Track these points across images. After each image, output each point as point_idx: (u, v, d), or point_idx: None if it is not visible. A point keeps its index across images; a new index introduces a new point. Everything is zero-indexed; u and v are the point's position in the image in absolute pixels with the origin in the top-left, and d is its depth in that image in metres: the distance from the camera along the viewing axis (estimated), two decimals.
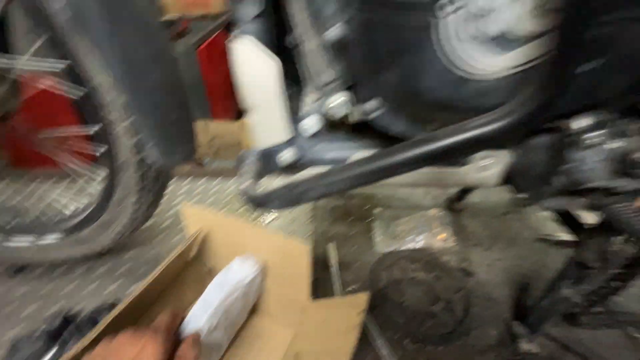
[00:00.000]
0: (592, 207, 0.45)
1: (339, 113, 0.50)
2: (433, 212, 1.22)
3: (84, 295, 1.01)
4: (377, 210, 1.26)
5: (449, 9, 0.34)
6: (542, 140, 0.51)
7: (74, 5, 0.48)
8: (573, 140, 0.44)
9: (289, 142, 0.55)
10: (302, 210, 1.28)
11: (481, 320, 0.92)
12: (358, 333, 0.60)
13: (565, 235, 1.11)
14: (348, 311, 0.64)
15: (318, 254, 1.10)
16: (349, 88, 0.49)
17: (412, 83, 0.40)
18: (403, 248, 1.11)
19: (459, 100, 0.40)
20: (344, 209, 1.30)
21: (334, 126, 0.64)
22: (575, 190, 0.47)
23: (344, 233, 1.19)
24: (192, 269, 0.83)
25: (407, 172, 0.39)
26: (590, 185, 0.43)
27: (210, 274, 0.85)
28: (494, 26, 0.34)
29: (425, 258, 1.08)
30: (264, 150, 0.55)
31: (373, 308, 0.92)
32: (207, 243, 0.81)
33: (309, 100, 0.55)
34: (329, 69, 0.47)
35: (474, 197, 1.30)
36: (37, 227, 0.98)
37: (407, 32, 0.36)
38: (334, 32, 0.41)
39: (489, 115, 0.35)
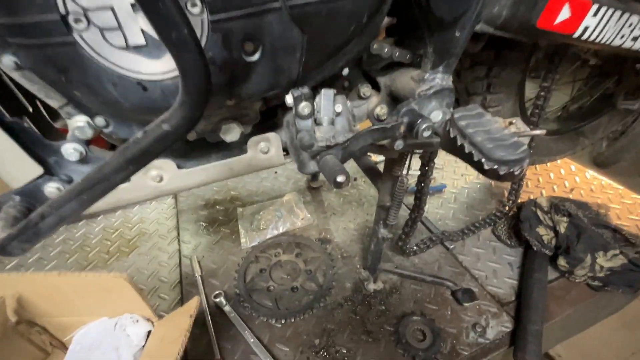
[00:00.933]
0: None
1: (86, 134, 0.50)
2: (289, 196, 1.30)
3: None
4: (239, 210, 1.29)
5: (80, 26, 0.36)
6: (287, 117, 0.60)
7: None
8: (297, 113, 0.53)
9: (50, 173, 0.52)
10: (167, 229, 1.24)
11: (339, 278, 1.04)
12: (186, 337, 0.62)
13: None
14: (182, 319, 0.65)
15: (187, 271, 1.08)
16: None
17: (104, 94, 0.43)
18: (268, 237, 1.17)
19: (154, 100, 0.44)
20: (209, 217, 1.30)
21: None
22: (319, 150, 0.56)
23: (210, 241, 1.19)
24: (16, 336, 0.73)
25: (126, 178, 0.41)
26: (320, 145, 0.53)
27: (42, 333, 0.76)
28: (132, 37, 0.38)
29: (288, 240, 1.16)
30: (21, 190, 0.51)
31: (242, 302, 0.95)
32: (23, 305, 0.72)
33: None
34: (53, 94, 0.47)
35: None
36: None
37: (60, 51, 0.38)
38: (7, 60, 0.40)
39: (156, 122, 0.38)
